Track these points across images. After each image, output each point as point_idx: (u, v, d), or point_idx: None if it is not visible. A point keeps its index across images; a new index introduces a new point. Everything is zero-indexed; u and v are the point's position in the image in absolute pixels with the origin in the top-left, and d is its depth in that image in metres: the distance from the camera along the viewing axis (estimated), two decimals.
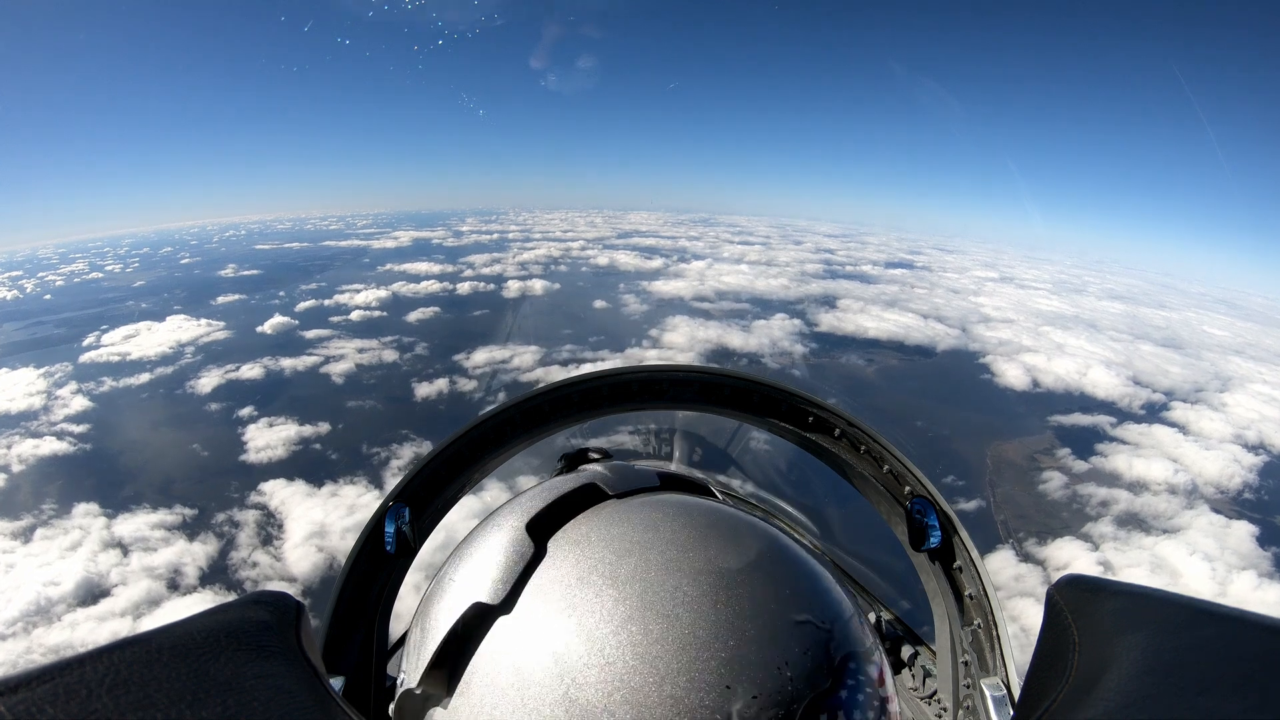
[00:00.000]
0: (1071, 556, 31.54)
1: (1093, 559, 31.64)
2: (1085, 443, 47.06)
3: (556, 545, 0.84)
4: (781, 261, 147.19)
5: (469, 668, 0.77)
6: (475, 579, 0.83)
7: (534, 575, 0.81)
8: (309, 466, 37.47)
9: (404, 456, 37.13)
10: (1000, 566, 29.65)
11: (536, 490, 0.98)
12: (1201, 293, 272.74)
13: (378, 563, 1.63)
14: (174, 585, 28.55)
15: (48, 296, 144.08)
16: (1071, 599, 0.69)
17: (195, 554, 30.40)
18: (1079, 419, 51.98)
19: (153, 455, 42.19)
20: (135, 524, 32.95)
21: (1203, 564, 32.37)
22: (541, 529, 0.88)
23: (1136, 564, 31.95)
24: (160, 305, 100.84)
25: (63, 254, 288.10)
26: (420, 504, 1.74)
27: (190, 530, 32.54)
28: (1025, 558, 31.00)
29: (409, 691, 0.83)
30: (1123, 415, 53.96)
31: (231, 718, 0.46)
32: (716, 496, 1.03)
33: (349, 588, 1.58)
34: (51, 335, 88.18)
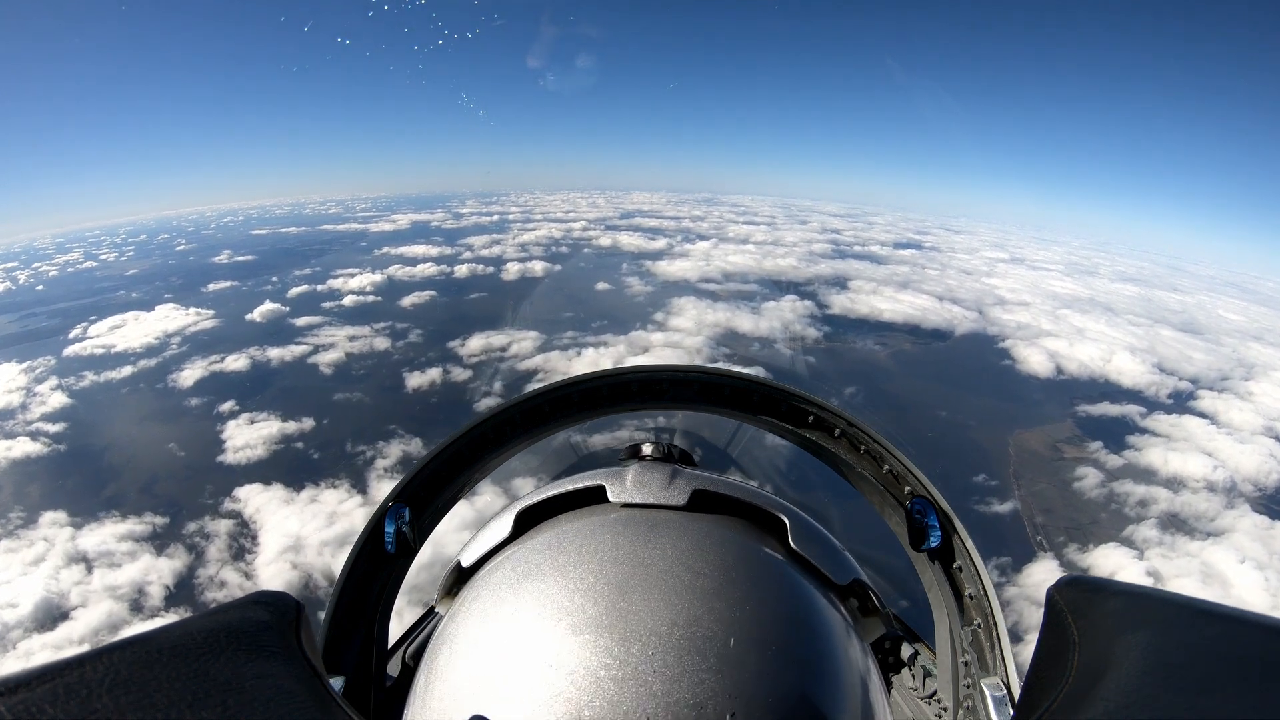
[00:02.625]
0: (1118, 566, 28.98)
1: (1140, 568, 29.03)
2: (1116, 435, 44.72)
3: (533, 535, 0.93)
4: (788, 241, 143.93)
5: (448, 612, 0.89)
6: (470, 543, 1.02)
7: (502, 552, 0.92)
8: (289, 468, 35.02)
9: (390, 456, 34.59)
10: (1046, 577, 27.04)
11: (560, 480, 1.06)
12: (1210, 276, 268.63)
13: (378, 563, 1.61)
14: (137, 607, 26.21)
15: (40, 287, 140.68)
16: (1072, 599, 0.68)
17: (161, 570, 28.00)
18: (1108, 409, 49.53)
19: (127, 457, 39.78)
20: (102, 535, 30.63)
21: (1254, 573, 29.96)
22: (531, 517, 0.99)
23: (1186, 573, 29.45)
24: (151, 294, 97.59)
25: (59, 244, 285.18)
26: (420, 504, 1.72)
27: (159, 542, 30.17)
28: (1069, 567, 28.43)
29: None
30: (1151, 405, 51.60)
31: (232, 718, 0.46)
32: (787, 531, 0.94)
33: (349, 588, 1.56)
34: (41, 328, 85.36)
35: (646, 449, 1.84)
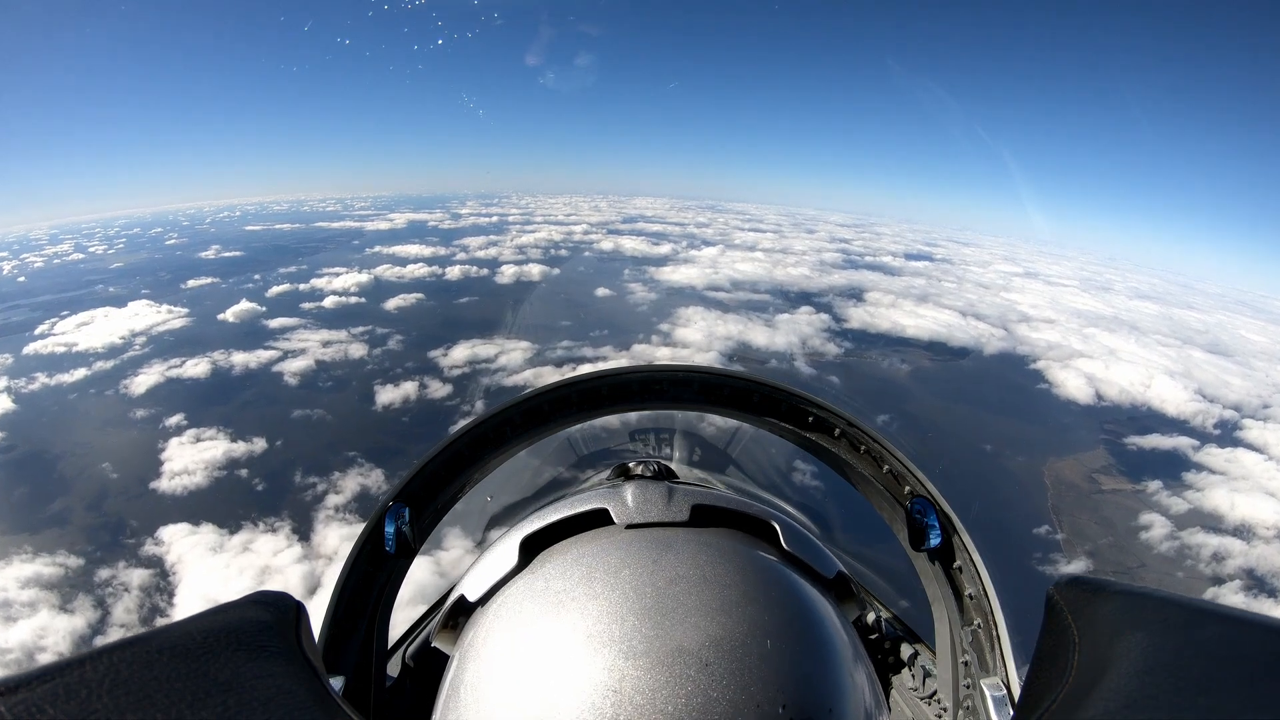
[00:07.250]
0: None
1: None
2: (1172, 471, 40.01)
3: (543, 563, 0.94)
4: (797, 250, 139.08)
5: (458, 643, 0.93)
6: (469, 574, 1.02)
7: (512, 583, 0.93)
8: (227, 501, 30.25)
9: (345, 491, 29.74)
10: None
11: (557, 504, 1.09)
12: (1220, 294, 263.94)
13: (377, 563, 1.62)
14: None
15: (22, 279, 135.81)
16: (1072, 599, 0.68)
17: (59, 631, 23.21)
18: (1159, 441, 44.64)
19: (57, 478, 34.98)
20: (5, 578, 25.90)
21: None
22: (536, 544, 1.00)
23: None
24: (130, 289, 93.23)
25: (53, 235, 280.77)
26: (420, 504, 1.73)
27: (67, 590, 25.41)
28: None
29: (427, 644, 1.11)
30: (1200, 436, 46.91)
31: (231, 718, 0.46)
32: (779, 538, 1.04)
33: (349, 588, 1.57)
34: (13, 322, 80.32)
35: (636, 468, 1.88)
